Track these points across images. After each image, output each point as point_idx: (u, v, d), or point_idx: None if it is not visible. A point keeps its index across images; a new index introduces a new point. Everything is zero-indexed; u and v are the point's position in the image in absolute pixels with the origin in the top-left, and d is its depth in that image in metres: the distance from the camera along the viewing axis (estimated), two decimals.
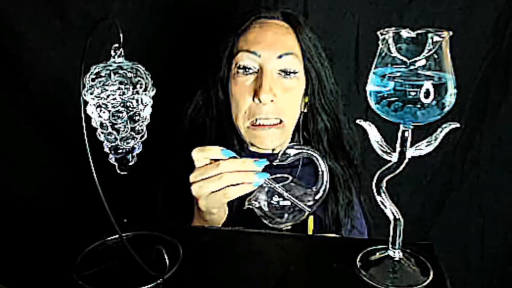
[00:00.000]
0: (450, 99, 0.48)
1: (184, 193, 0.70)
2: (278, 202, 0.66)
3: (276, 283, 0.53)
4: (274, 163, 0.67)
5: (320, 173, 0.67)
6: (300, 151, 0.66)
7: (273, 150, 0.86)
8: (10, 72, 1.04)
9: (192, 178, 0.68)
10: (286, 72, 0.81)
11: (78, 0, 1.01)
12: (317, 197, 0.67)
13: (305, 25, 0.86)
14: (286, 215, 0.66)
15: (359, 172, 0.92)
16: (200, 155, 0.67)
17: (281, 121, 0.82)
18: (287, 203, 0.66)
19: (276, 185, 0.66)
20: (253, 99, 0.80)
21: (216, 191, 0.67)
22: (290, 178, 0.68)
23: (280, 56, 0.80)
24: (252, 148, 0.87)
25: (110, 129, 0.51)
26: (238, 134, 0.86)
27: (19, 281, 0.54)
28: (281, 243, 0.62)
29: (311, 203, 0.66)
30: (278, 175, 0.68)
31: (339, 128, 0.90)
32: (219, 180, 0.66)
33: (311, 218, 0.84)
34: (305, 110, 0.88)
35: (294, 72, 0.82)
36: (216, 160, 0.67)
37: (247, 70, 0.81)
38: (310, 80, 0.85)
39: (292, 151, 0.66)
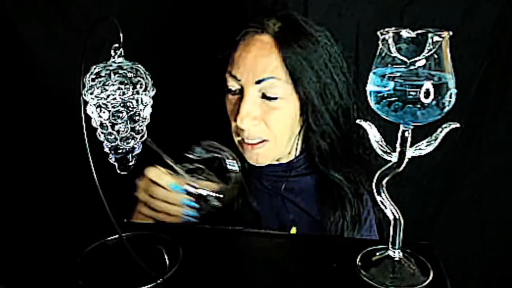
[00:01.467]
0: (450, 99, 0.48)
1: None
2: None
3: (276, 283, 0.53)
4: (191, 156, 0.69)
5: (228, 175, 0.67)
6: (206, 149, 0.68)
7: (277, 160, 0.85)
8: (10, 72, 1.04)
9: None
10: (267, 98, 0.77)
11: (79, 0, 1.01)
12: (224, 195, 0.67)
13: (300, 36, 0.77)
14: (202, 204, 0.68)
15: None
16: (150, 175, 0.69)
17: (264, 140, 0.79)
18: (203, 192, 0.67)
19: (185, 175, 0.67)
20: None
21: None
22: (205, 171, 0.69)
23: (258, 82, 0.76)
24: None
25: (110, 129, 0.51)
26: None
27: (19, 281, 0.54)
28: (281, 243, 0.62)
29: (220, 197, 0.67)
30: (195, 166, 0.69)
31: (336, 145, 0.84)
32: (150, 199, 0.70)
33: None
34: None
35: (275, 98, 0.76)
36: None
37: (232, 90, 0.79)
38: (301, 100, 0.79)
39: (197, 149, 0.67)
